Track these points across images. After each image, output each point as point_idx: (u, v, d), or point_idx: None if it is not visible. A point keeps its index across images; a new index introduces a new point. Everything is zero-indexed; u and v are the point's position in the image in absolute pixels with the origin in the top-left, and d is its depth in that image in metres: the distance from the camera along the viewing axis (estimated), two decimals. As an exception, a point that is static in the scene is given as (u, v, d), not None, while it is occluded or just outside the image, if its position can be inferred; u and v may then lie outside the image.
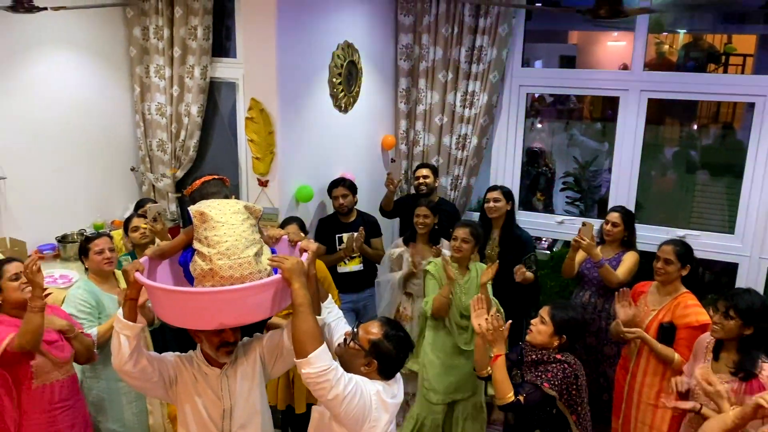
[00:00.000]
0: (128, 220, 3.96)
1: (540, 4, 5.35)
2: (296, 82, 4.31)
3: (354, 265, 4.52)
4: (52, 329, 2.93)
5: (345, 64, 4.72)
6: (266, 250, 2.32)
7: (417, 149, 5.41)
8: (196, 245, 2.24)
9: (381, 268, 4.76)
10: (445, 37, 5.09)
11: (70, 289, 3.58)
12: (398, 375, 2.38)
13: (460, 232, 3.81)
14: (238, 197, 4.42)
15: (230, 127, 5.70)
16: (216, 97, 5.68)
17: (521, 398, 2.82)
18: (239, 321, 2.24)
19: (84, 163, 5.43)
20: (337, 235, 4.50)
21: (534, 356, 2.99)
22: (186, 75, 5.48)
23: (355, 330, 2.33)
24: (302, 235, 2.68)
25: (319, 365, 2.06)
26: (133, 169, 5.89)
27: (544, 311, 3.00)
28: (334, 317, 2.52)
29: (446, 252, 4.23)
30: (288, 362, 2.36)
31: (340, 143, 4.89)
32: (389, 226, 5.41)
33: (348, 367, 2.21)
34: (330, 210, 4.68)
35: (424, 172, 4.78)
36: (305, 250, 2.35)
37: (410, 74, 5.36)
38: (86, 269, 3.59)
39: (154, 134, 5.71)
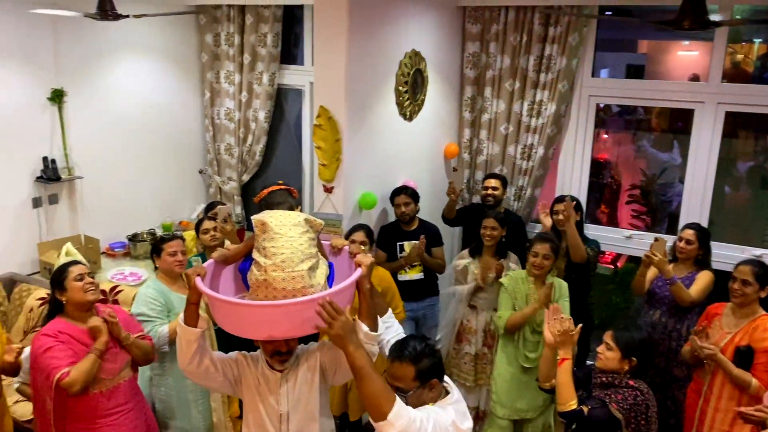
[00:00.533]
0: (199, 222, 4.07)
1: (610, 13, 5.23)
2: (364, 91, 4.34)
3: (414, 274, 4.51)
4: (107, 338, 2.88)
5: (411, 72, 4.73)
6: (323, 264, 2.30)
7: (480, 158, 5.37)
8: (254, 254, 2.26)
9: (442, 278, 4.73)
10: (513, 45, 5.03)
11: (140, 287, 3.69)
12: (456, 391, 2.29)
13: (541, 248, 3.70)
14: (302, 206, 4.48)
15: (295, 133, 5.80)
16: (282, 103, 5.80)
17: (585, 409, 2.74)
18: (288, 334, 2.24)
19: (155, 164, 5.63)
20: (398, 243, 4.50)
21: (604, 378, 2.88)
22: (254, 81, 5.61)
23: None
24: (362, 247, 2.63)
25: (401, 423, 1.97)
26: (201, 172, 6.07)
27: (608, 336, 2.90)
28: (394, 333, 2.48)
29: (512, 265, 4.18)
30: (348, 373, 2.31)
31: (404, 151, 4.89)
32: (450, 235, 5.38)
33: (417, 401, 2.14)
34: (392, 218, 4.68)
35: (493, 183, 4.72)
36: (359, 265, 2.31)
37: (476, 83, 5.32)
38: (155, 268, 3.69)
39: (222, 138, 5.86)
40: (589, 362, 3.02)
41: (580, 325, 2.94)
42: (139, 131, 5.45)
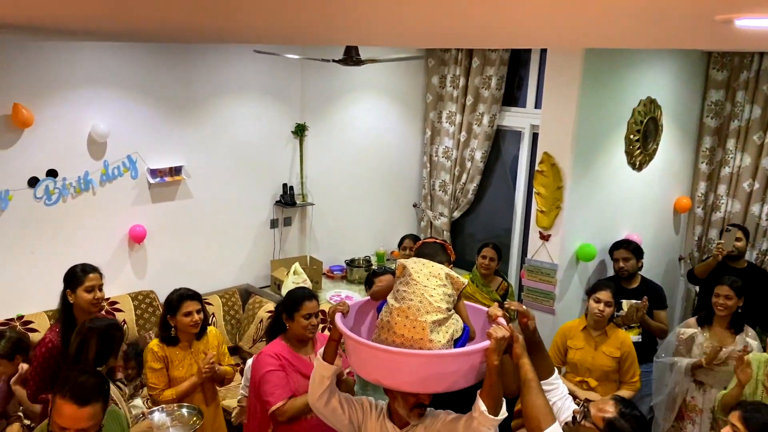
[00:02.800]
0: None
1: None
2: (591, 138, 4.19)
3: (632, 336, 4.19)
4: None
5: (645, 120, 4.47)
6: (454, 323, 2.16)
7: (717, 215, 4.88)
8: (389, 296, 2.23)
9: (662, 344, 4.35)
10: (766, 94, 4.52)
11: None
12: None
13: None
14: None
15: (510, 175, 5.78)
16: (500, 144, 5.82)
17: None
18: (404, 386, 2.13)
19: (375, 196, 5.97)
20: (616, 301, 4.23)
21: None
22: (475, 122, 5.71)
23: (585, 408, 2.14)
24: (499, 316, 2.28)
25: None
26: (415, 206, 6.31)
27: (734, 417, 2.54)
28: (560, 396, 2.31)
29: (750, 341, 3.70)
30: None
31: (629, 202, 4.62)
32: (673, 295, 4.95)
33: None
34: (611, 272, 4.43)
35: (738, 235, 4.30)
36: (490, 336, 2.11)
37: (717, 133, 4.87)
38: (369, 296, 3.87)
39: (438, 175, 6.05)
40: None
41: None
42: (365, 164, 5.83)
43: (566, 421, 2.19)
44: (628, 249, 4.24)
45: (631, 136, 4.43)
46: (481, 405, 2.09)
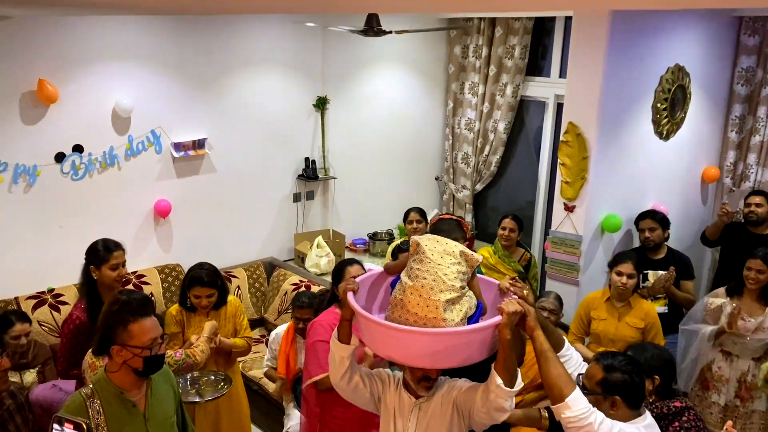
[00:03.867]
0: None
1: None
2: (618, 107, 4.11)
3: (658, 306, 4.16)
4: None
5: (673, 88, 4.37)
6: (467, 301, 2.14)
7: (745, 184, 4.78)
8: (402, 273, 2.20)
9: (688, 313, 4.31)
10: (800, 60, 4.39)
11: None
12: (649, 416, 2.21)
13: None
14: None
15: (534, 146, 5.71)
16: (523, 115, 5.75)
17: None
18: (416, 362, 2.13)
19: (396, 169, 5.95)
20: (642, 272, 4.19)
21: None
22: (498, 93, 5.64)
23: (581, 383, 2.21)
24: (509, 286, 2.25)
25: (579, 407, 2.01)
26: (437, 179, 6.28)
27: None
28: (575, 365, 2.34)
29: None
30: (486, 420, 2.19)
31: (656, 172, 4.54)
32: (701, 266, 4.88)
33: None
34: (637, 243, 4.38)
35: (757, 199, 4.27)
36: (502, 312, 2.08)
37: (747, 101, 4.75)
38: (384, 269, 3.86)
39: (460, 147, 6.00)
40: None
41: None
42: (386, 137, 5.81)
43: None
44: (654, 219, 4.18)
45: (659, 105, 4.34)
46: (497, 379, 2.09)
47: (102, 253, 3.12)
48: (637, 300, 3.71)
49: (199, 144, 4.73)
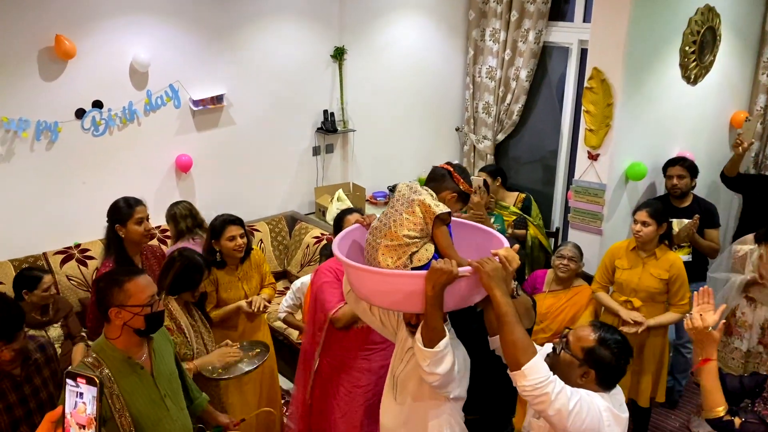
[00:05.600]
0: None
1: None
2: (644, 51, 3.98)
3: (682, 255, 4.11)
4: None
5: (702, 30, 4.21)
6: (416, 251, 2.13)
7: (776, 130, 4.65)
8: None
9: (716, 260, 4.26)
10: (838, -3, 4.19)
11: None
12: (618, 387, 2.11)
13: None
14: (553, 167, 4.31)
15: (557, 93, 5.59)
16: (546, 62, 5.61)
17: (737, 421, 2.37)
18: (363, 297, 2.25)
19: (416, 120, 5.88)
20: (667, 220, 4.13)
21: None
22: (520, 39, 5.49)
23: (565, 338, 2.10)
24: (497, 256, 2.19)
25: (535, 377, 1.89)
26: (457, 129, 6.19)
27: None
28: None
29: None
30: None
31: (682, 118, 4.43)
32: (727, 214, 4.80)
33: (562, 380, 1.98)
34: (660, 191, 4.31)
35: None
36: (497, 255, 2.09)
37: (780, 42, 4.57)
38: None
39: (481, 97, 5.89)
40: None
41: (723, 322, 2.47)
42: (405, 88, 5.72)
43: (547, 352, 2.14)
44: (683, 166, 4.09)
45: (687, 48, 4.20)
46: (417, 336, 2.12)
47: (125, 210, 3.17)
48: (663, 251, 3.66)
49: (217, 99, 4.70)
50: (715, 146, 4.76)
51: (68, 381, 1.52)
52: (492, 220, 4.10)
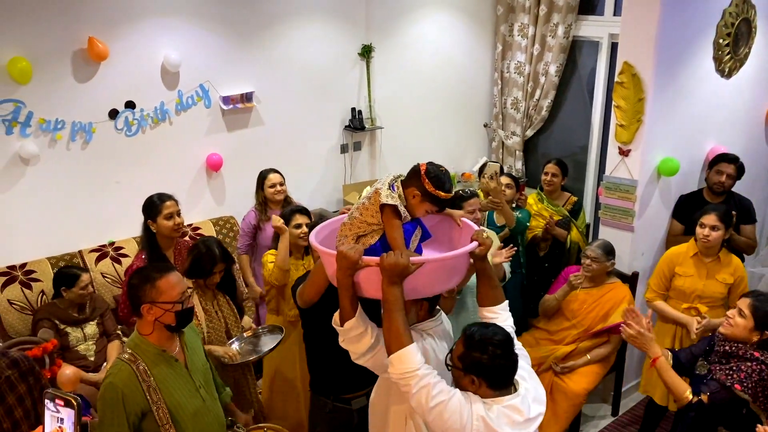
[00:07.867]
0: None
1: None
2: (676, 44, 3.90)
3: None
4: None
5: (737, 22, 4.11)
6: (370, 238, 2.19)
7: (814, 124, 4.52)
8: None
9: (757, 256, 4.17)
10: None
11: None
12: (522, 390, 2.00)
13: None
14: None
15: (587, 88, 5.51)
16: (576, 57, 5.54)
17: (704, 398, 2.63)
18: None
19: (444, 116, 5.86)
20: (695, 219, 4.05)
21: (727, 347, 2.74)
22: (549, 33, 5.43)
23: (449, 356, 2.06)
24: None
25: (400, 368, 1.95)
26: (486, 126, 6.16)
27: (744, 303, 2.73)
28: (502, 323, 2.16)
29: None
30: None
31: (716, 113, 4.33)
32: (764, 209, 4.69)
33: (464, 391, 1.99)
34: (693, 187, 4.23)
35: None
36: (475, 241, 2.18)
37: (820, 32, 4.43)
38: None
39: (510, 92, 5.85)
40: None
41: (648, 321, 2.78)
42: (433, 84, 5.70)
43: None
44: (737, 166, 4.02)
45: (721, 41, 4.10)
46: (335, 316, 2.18)
47: (156, 204, 3.30)
48: (727, 255, 3.58)
49: (246, 97, 4.75)
50: (750, 140, 4.65)
51: (47, 402, 1.51)
52: (518, 213, 4.09)
